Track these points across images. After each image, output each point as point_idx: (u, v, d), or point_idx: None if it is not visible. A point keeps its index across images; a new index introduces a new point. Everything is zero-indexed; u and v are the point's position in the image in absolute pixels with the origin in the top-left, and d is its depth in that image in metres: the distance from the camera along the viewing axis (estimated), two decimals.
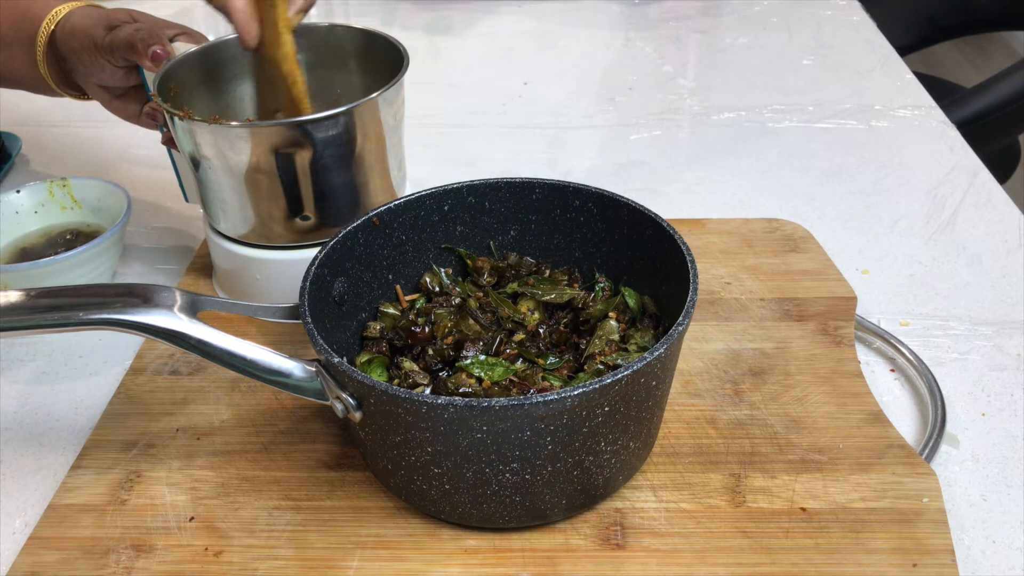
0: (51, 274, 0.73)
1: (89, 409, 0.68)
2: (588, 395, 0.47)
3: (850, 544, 0.53)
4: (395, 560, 0.54)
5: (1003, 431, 0.63)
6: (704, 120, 1.08)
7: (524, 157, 1.02)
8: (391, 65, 0.71)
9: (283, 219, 0.70)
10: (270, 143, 0.65)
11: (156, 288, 0.54)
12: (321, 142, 0.65)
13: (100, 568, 0.54)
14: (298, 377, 0.54)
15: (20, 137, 1.04)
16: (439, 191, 0.65)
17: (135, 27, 0.70)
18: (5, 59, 0.77)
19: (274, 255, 0.72)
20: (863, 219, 0.87)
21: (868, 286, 0.77)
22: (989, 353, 0.69)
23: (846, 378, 0.65)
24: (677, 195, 0.93)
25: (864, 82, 1.15)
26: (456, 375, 0.58)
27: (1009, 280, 0.77)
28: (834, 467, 0.58)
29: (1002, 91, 1.35)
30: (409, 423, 0.49)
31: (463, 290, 0.67)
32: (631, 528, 0.55)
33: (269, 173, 0.66)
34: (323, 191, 0.68)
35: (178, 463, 0.61)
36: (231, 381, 0.68)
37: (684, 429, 0.62)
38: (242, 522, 0.57)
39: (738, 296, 0.74)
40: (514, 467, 0.50)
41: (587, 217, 0.65)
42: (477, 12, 1.42)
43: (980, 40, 2.48)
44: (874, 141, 1.01)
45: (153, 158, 1.01)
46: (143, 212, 0.92)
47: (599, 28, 1.36)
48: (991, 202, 0.88)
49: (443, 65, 1.26)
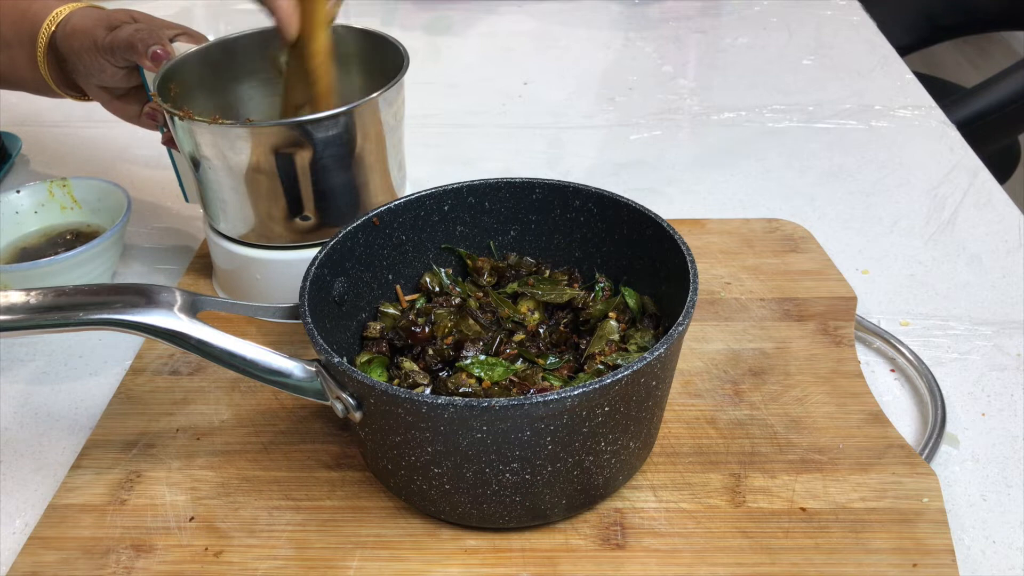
0: (51, 274, 0.73)
1: (89, 409, 0.68)
2: (588, 395, 0.47)
3: (850, 544, 0.53)
4: (395, 560, 0.54)
5: (1003, 431, 0.63)
6: (704, 120, 1.08)
7: (524, 157, 1.02)
8: (391, 65, 0.71)
9: (283, 219, 0.70)
10: (270, 143, 0.65)
11: (156, 288, 0.54)
12: (321, 142, 0.65)
13: (100, 568, 0.54)
14: (298, 377, 0.54)
15: (20, 137, 1.04)
16: (439, 191, 0.65)
17: (135, 27, 0.70)
18: (5, 60, 0.77)
19: (274, 255, 0.72)
20: (863, 219, 0.87)
21: (868, 286, 0.77)
22: (989, 353, 0.69)
23: (846, 378, 0.65)
24: (677, 195, 0.93)
25: (864, 82, 1.15)
26: (456, 375, 0.58)
27: (1009, 280, 0.77)
28: (834, 467, 0.58)
29: (1002, 91, 1.35)
30: (409, 423, 0.49)
31: (463, 290, 0.67)
32: (631, 528, 0.55)
33: (269, 173, 0.66)
34: (323, 191, 0.68)
35: (178, 463, 0.61)
36: (231, 381, 0.68)
37: (684, 429, 0.62)
38: (242, 522, 0.57)
39: (738, 296, 0.74)
40: (514, 467, 0.50)
41: (587, 217, 0.65)
42: (477, 12, 1.42)
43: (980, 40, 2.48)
44: (874, 141, 1.01)
45: (153, 158, 1.01)
46: (143, 212, 0.92)
47: (599, 28, 1.36)
48: (991, 202, 0.88)
49: (443, 65, 1.26)
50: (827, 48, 1.25)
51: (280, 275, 0.72)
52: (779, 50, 1.25)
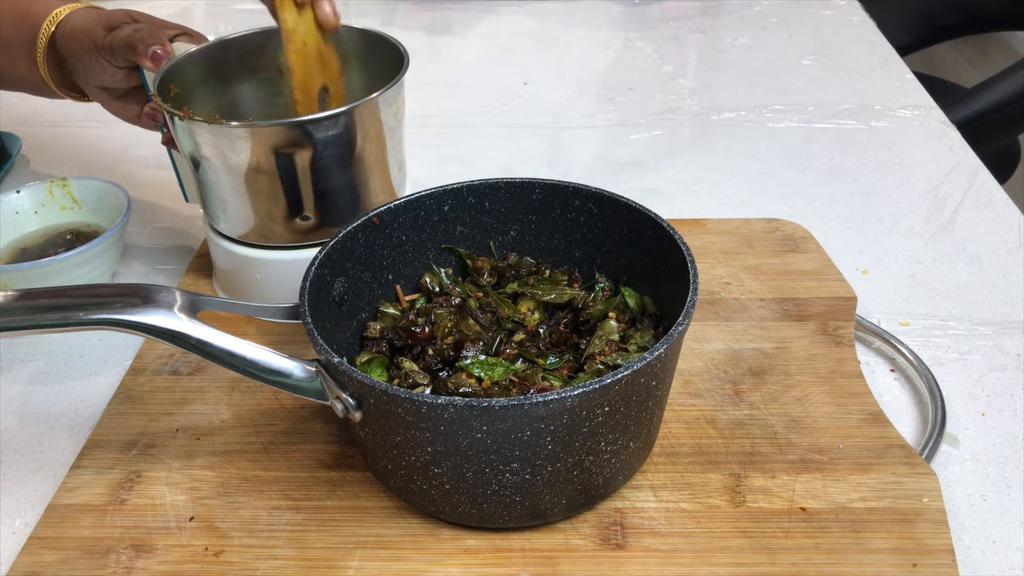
0: (51, 274, 0.73)
1: (89, 409, 0.68)
2: (588, 395, 0.47)
3: (850, 544, 0.53)
4: (395, 560, 0.54)
5: (1003, 431, 0.63)
6: (704, 120, 1.08)
7: (524, 157, 1.02)
8: (391, 65, 0.71)
9: (283, 219, 0.70)
10: (270, 143, 0.65)
11: (156, 288, 0.54)
12: (321, 142, 0.65)
13: (100, 568, 0.54)
14: (298, 377, 0.54)
15: (20, 137, 1.04)
16: (439, 191, 0.65)
17: (135, 27, 0.70)
18: (5, 61, 0.77)
19: (274, 255, 0.72)
20: (863, 219, 0.87)
21: (868, 286, 0.77)
22: (989, 353, 0.69)
23: (846, 378, 0.65)
24: (677, 195, 0.93)
25: (864, 82, 1.15)
26: (456, 375, 0.58)
27: (1009, 280, 0.77)
28: (834, 467, 0.58)
29: (1002, 91, 1.35)
30: (409, 423, 0.49)
31: (463, 290, 0.67)
32: (631, 528, 0.55)
33: (269, 173, 0.66)
34: (323, 191, 0.68)
35: (178, 463, 0.61)
36: (231, 381, 0.68)
37: (684, 429, 0.62)
38: (242, 522, 0.57)
39: (738, 296, 0.74)
40: (514, 467, 0.50)
41: (587, 217, 0.65)
42: (477, 12, 1.42)
43: (980, 40, 2.48)
44: (874, 141, 1.01)
45: (153, 158, 1.01)
46: (143, 212, 0.92)
47: (599, 28, 1.36)
48: (991, 202, 0.88)
49: (443, 65, 1.26)
50: (827, 48, 1.25)
51: (280, 275, 0.72)
52: (779, 50, 1.25)
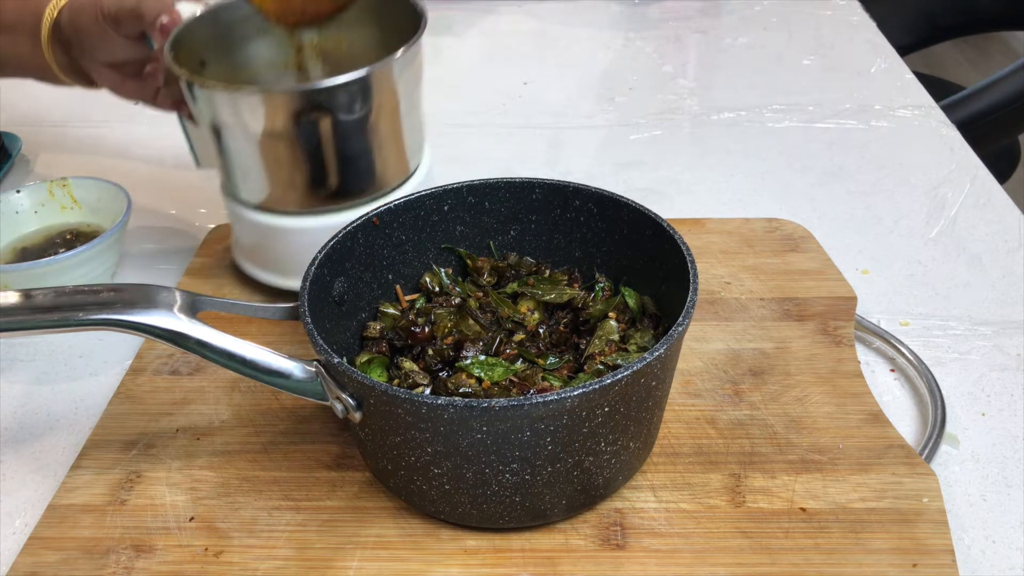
0: (51, 274, 0.73)
1: (89, 409, 0.68)
2: (588, 395, 0.47)
3: (850, 544, 0.53)
4: (395, 560, 0.54)
5: (1003, 431, 0.63)
6: (704, 120, 1.08)
7: (524, 157, 1.02)
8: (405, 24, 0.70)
9: (306, 184, 0.69)
10: (294, 107, 0.64)
11: (156, 288, 0.54)
12: (341, 105, 0.65)
13: (100, 568, 0.54)
14: (298, 377, 0.54)
15: (20, 137, 1.04)
16: (439, 191, 0.65)
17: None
18: (8, 44, 0.75)
19: (295, 222, 0.71)
20: (863, 219, 0.87)
21: (868, 286, 0.77)
22: (989, 353, 0.69)
23: (846, 378, 0.65)
24: (677, 195, 0.93)
25: (864, 82, 1.14)
26: (456, 375, 0.58)
27: (1009, 280, 0.77)
28: (834, 467, 0.58)
29: (1002, 91, 1.35)
30: (409, 423, 0.49)
31: (463, 290, 0.67)
32: (631, 528, 0.55)
33: (287, 138, 0.66)
34: (344, 156, 0.68)
35: (178, 463, 0.61)
36: (231, 381, 0.68)
37: (684, 429, 0.62)
38: (242, 522, 0.57)
39: (738, 296, 0.74)
40: (514, 467, 0.50)
41: (587, 217, 0.65)
42: (477, 12, 1.42)
43: (980, 40, 2.48)
44: (874, 141, 1.01)
45: (153, 158, 1.01)
46: (143, 212, 0.92)
47: (599, 28, 1.36)
48: (991, 202, 0.88)
49: (443, 65, 1.26)
50: (827, 48, 1.25)
51: (301, 242, 0.71)
52: (779, 50, 1.25)
